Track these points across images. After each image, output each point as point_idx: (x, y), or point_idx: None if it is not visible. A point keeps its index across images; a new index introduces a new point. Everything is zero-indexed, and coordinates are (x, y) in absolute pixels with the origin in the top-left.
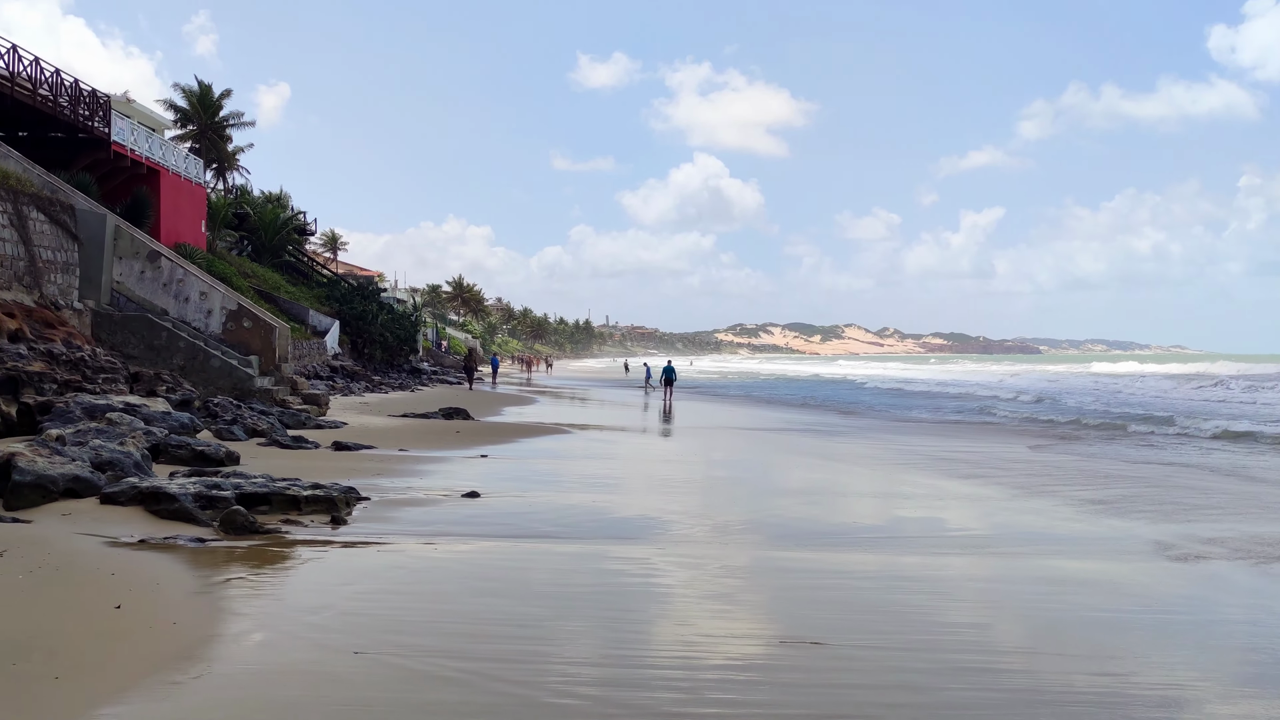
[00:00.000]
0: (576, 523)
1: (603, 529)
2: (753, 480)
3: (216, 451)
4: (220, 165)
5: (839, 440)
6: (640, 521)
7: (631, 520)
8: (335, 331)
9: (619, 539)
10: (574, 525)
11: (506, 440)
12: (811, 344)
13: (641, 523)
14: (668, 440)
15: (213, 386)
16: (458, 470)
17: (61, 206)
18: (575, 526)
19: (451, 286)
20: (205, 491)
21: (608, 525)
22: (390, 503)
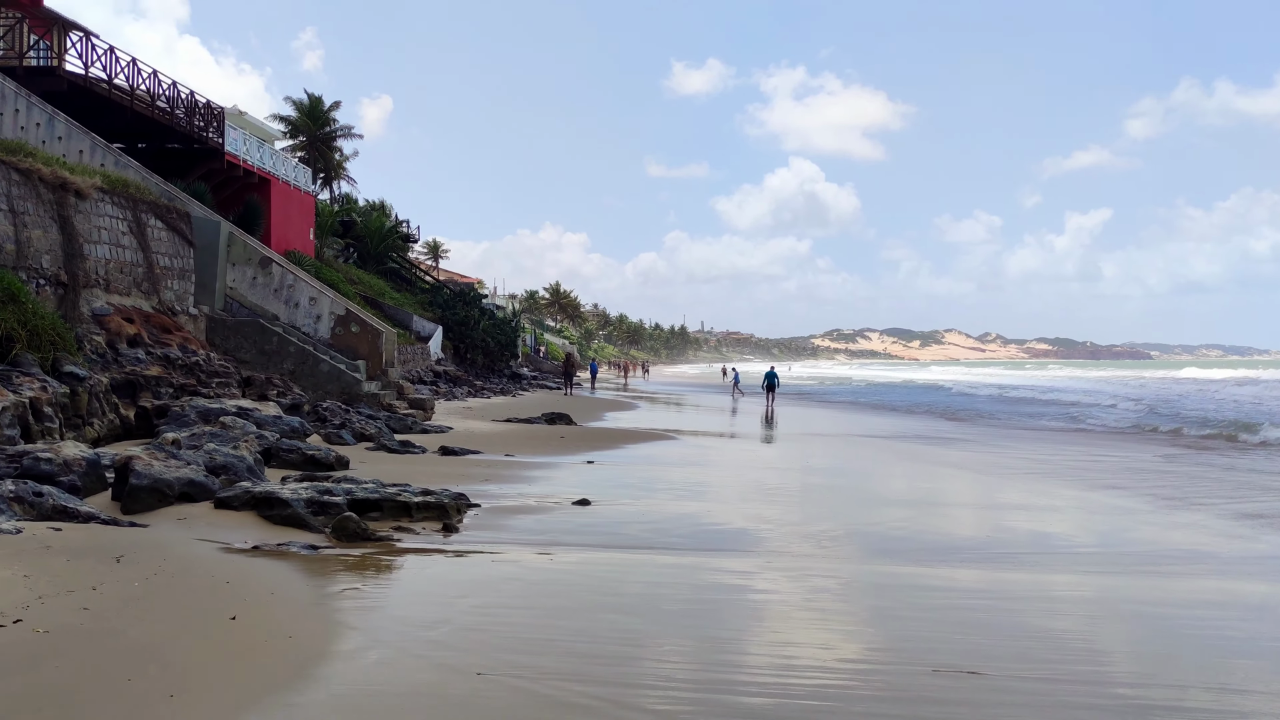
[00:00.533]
0: (691, 533)
1: (721, 540)
2: (873, 489)
3: (326, 456)
4: (328, 174)
5: (953, 448)
6: (757, 533)
7: (749, 532)
8: (438, 337)
9: (738, 551)
10: (689, 536)
11: (611, 446)
12: (910, 349)
13: (759, 534)
14: (773, 447)
15: (321, 391)
16: (565, 476)
17: (178, 214)
18: (691, 537)
19: (548, 293)
20: (317, 497)
21: (725, 537)
22: (501, 510)
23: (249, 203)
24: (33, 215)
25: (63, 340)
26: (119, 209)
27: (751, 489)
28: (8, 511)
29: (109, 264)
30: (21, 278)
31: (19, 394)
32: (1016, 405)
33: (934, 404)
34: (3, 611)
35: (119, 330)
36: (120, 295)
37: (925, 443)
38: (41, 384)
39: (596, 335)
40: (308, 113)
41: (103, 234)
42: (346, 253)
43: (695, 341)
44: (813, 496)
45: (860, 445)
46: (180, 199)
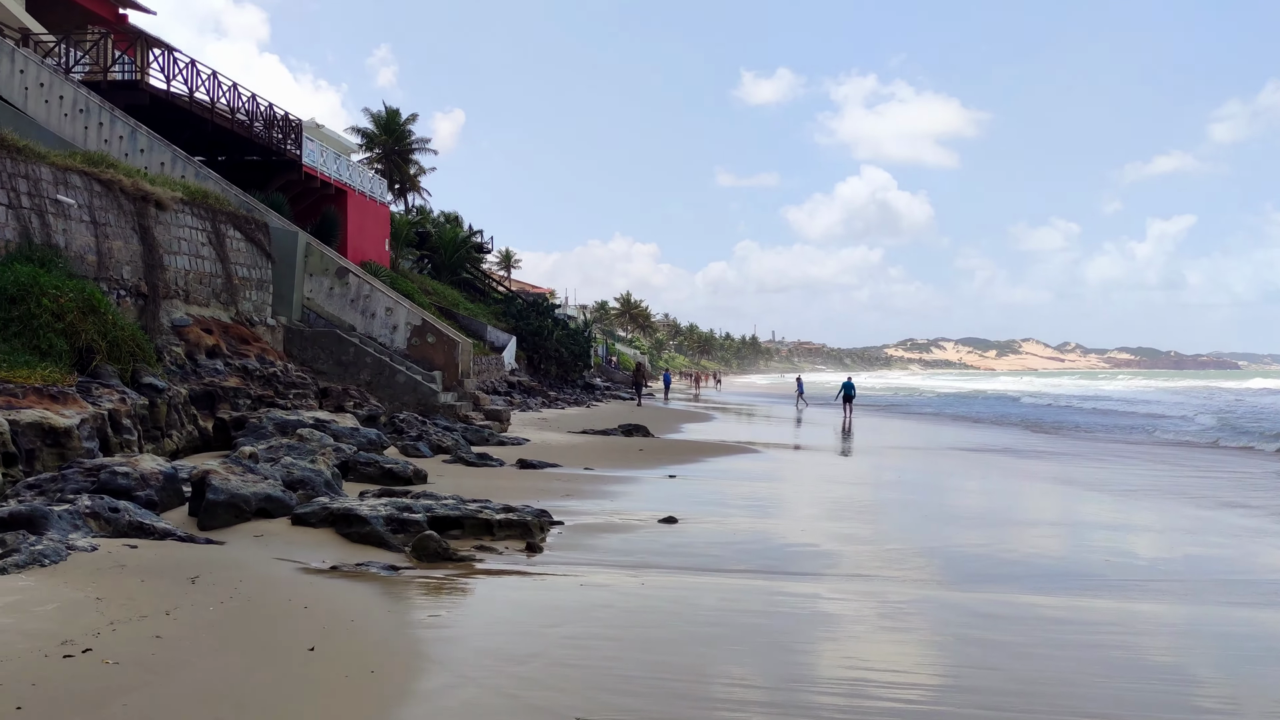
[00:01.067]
0: (788, 556)
1: (815, 564)
2: (968, 506)
3: (404, 470)
4: (403, 186)
5: (1046, 461)
6: (855, 557)
7: (844, 556)
8: (512, 347)
9: (834, 576)
10: (781, 558)
11: (691, 459)
12: (987, 359)
13: (856, 558)
14: (856, 460)
15: (397, 402)
16: (647, 492)
17: (256, 225)
18: (787, 560)
19: (619, 303)
20: (396, 514)
21: (819, 560)
22: (585, 528)
23: (326, 214)
24: (114, 226)
25: (142, 351)
26: (198, 220)
27: (839, 506)
28: (84, 528)
29: (188, 275)
30: (102, 289)
31: (98, 406)
32: (1104, 417)
33: (1016, 415)
34: (73, 639)
35: (198, 341)
36: (199, 306)
37: (1015, 456)
38: (121, 396)
39: (667, 345)
40: (383, 126)
41: (182, 245)
42: (421, 264)
43: (766, 351)
44: (904, 515)
45: (947, 459)
46: (258, 210)
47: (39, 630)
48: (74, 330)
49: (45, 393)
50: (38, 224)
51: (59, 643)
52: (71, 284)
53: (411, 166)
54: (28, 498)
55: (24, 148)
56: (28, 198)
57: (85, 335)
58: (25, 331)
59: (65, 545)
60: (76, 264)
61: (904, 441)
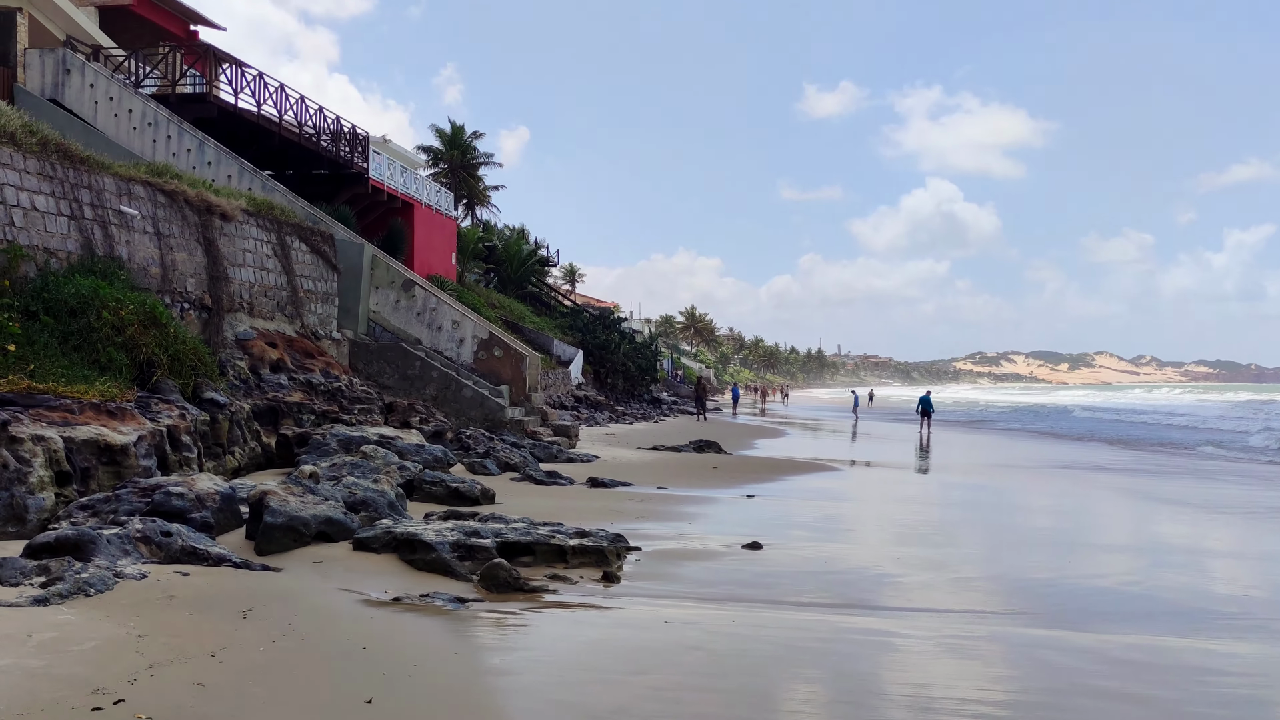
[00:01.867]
0: (885, 588)
1: (921, 598)
2: (1079, 530)
3: (471, 489)
4: (470, 201)
5: (1145, 479)
6: (957, 588)
7: (944, 587)
8: (579, 361)
9: (950, 612)
10: (882, 591)
11: (768, 478)
12: (1059, 373)
13: (960, 591)
14: (942, 479)
15: (464, 417)
16: (725, 514)
17: (322, 236)
18: (884, 592)
19: (684, 317)
20: (463, 540)
21: (921, 592)
22: (664, 555)
23: (392, 226)
24: (178, 238)
25: (204, 365)
26: (263, 231)
27: (931, 530)
28: (134, 553)
29: (253, 287)
30: (165, 301)
31: (157, 422)
32: (1200, 433)
33: (1100, 431)
34: (105, 687)
35: (262, 355)
36: (264, 319)
37: (1109, 473)
38: (180, 411)
39: (732, 359)
40: (450, 141)
41: (247, 257)
42: (487, 277)
43: (832, 365)
44: (1005, 540)
45: (1038, 478)
46: (325, 222)
47: (70, 675)
48: (134, 344)
49: (103, 408)
50: (100, 235)
51: (90, 691)
52: (133, 296)
53: (478, 181)
54: (80, 519)
55: (87, 158)
56: (90, 208)
57: (146, 349)
58: (85, 345)
59: (113, 573)
60: (139, 276)
61: (986, 458)
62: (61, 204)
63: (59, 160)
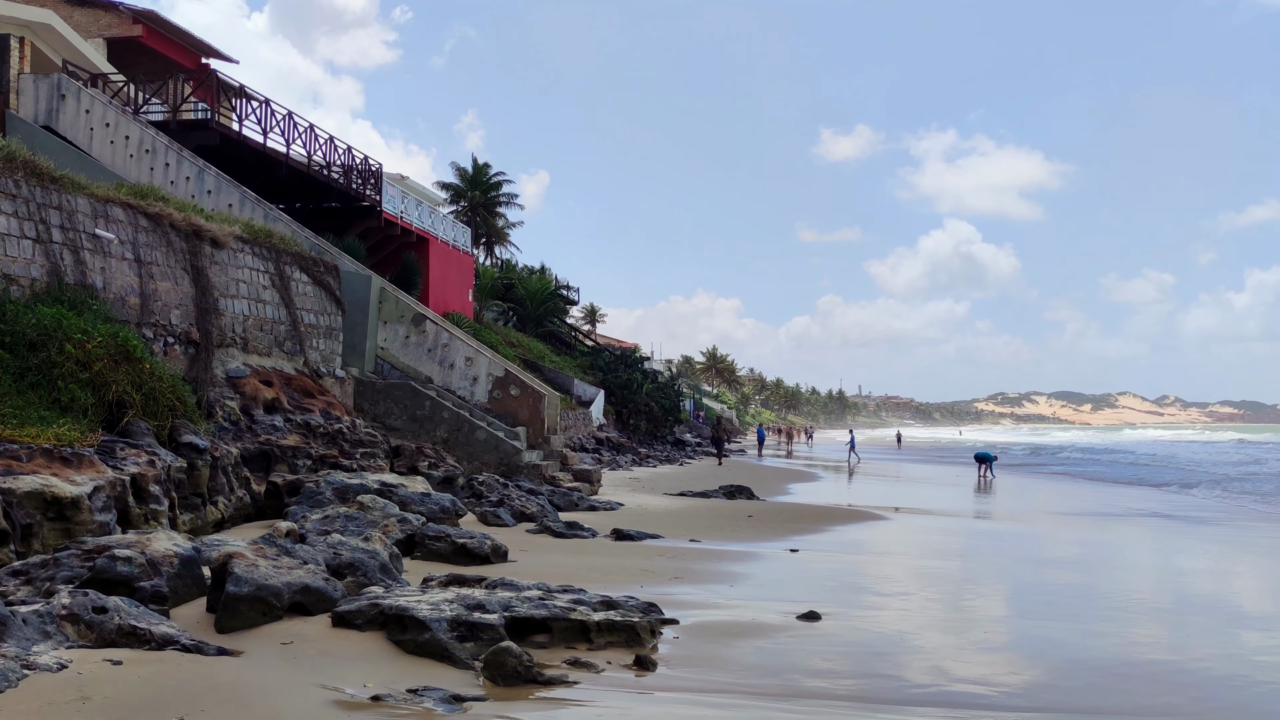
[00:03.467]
0: (980, 679)
1: (1030, 698)
2: (1192, 595)
3: (480, 546)
4: (489, 240)
5: (1223, 529)
6: (1065, 679)
7: (1046, 681)
8: (600, 401)
9: (1059, 710)
10: (978, 683)
11: (810, 528)
12: (1081, 413)
13: (1071, 683)
14: (1006, 528)
15: (477, 461)
16: (769, 574)
17: (325, 267)
18: (979, 684)
19: (705, 357)
20: (464, 615)
21: (1033, 693)
22: (707, 630)
23: (406, 261)
24: (161, 265)
25: (183, 405)
26: (260, 260)
27: (1022, 591)
28: (57, 635)
29: (247, 320)
30: (146, 334)
31: (120, 470)
32: (1261, 479)
33: (1148, 474)
34: None
35: (255, 394)
36: (259, 355)
37: (1183, 523)
38: (150, 457)
39: (753, 400)
40: (470, 180)
41: (241, 287)
42: (506, 316)
43: (853, 406)
44: (1104, 606)
45: (1105, 527)
46: (330, 253)
47: None
48: (103, 381)
49: (56, 455)
50: (71, 261)
51: None
52: (103, 328)
53: (498, 219)
54: (10, 588)
55: (59, 177)
56: (60, 231)
57: (116, 387)
58: (44, 382)
59: (21, 664)
60: (116, 307)
61: (1045, 504)
62: (25, 225)
63: (25, 178)
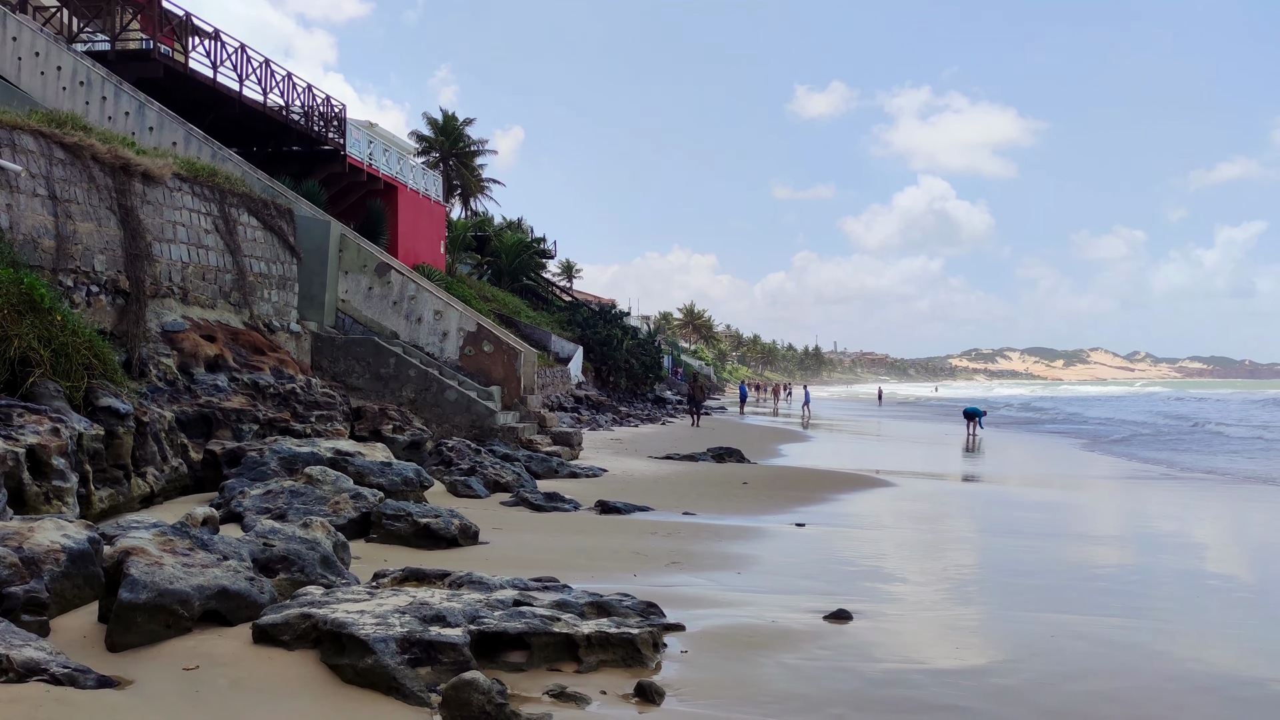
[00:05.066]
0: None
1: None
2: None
3: (446, 527)
4: (464, 191)
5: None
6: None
7: (1155, 686)
8: (578, 358)
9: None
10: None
11: (813, 497)
12: (1054, 369)
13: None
14: (1021, 494)
15: (447, 424)
16: (779, 556)
17: (278, 211)
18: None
19: (682, 313)
20: (419, 632)
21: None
22: (721, 638)
23: (372, 208)
24: (82, 204)
25: (103, 363)
26: (201, 201)
27: (1074, 575)
28: None
29: (186, 268)
30: (64, 283)
31: (15, 440)
32: (1254, 432)
33: (1145, 432)
34: None
35: (195, 351)
36: (202, 307)
37: (1208, 482)
38: (53, 425)
39: (730, 356)
40: (443, 129)
41: (179, 231)
42: (480, 270)
43: (829, 363)
44: (1211, 607)
45: (1130, 491)
46: (285, 196)
47: None
48: (2, 335)
49: None
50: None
51: None
52: (4, 273)
53: (473, 171)
54: None
55: None
56: None
57: (19, 342)
58: None
59: None
60: (27, 250)
61: (1053, 466)
62: None
63: None
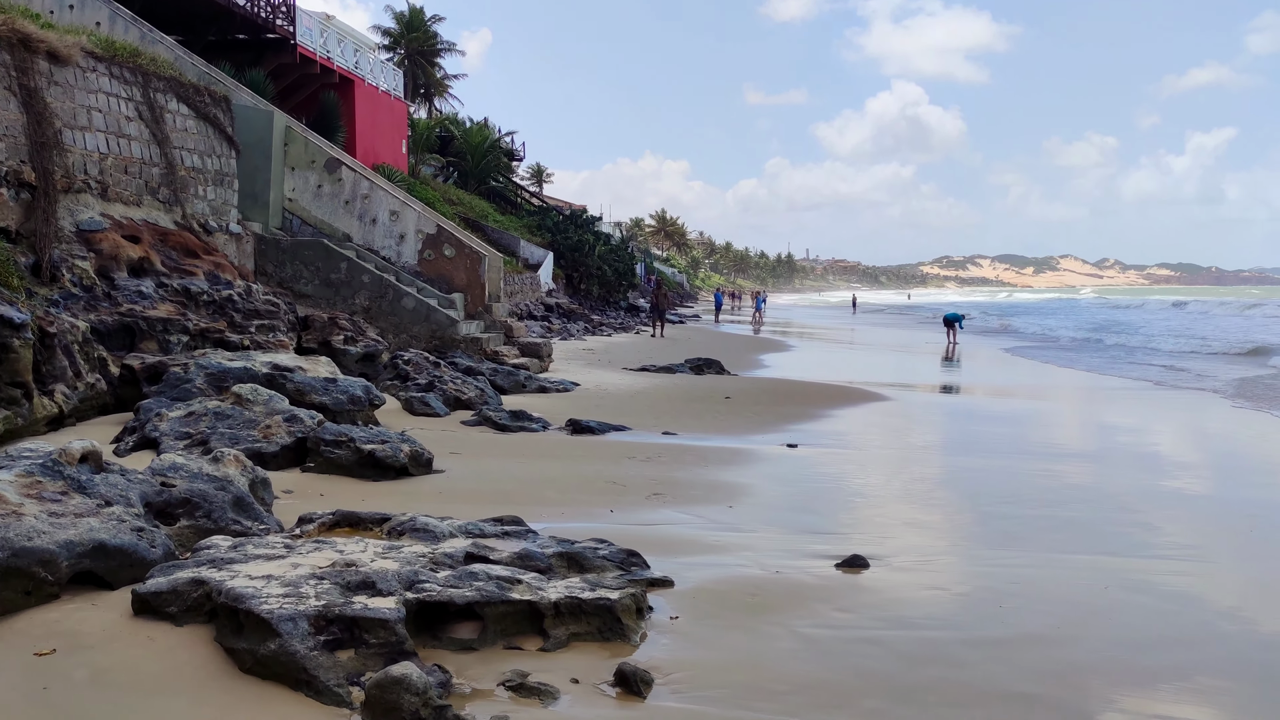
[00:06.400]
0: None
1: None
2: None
3: (394, 454)
4: (429, 91)
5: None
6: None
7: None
8: (549, 264)
9: None
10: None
11: (803, 413)
12: (1024, 276)
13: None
14: (1029, 406)
15: (405, 334)
16: (772, 483)
17: (213, 98)
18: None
19: (655, 220)
20: (339, 606)
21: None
22: (718, 596)
23: (325, 102)
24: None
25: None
26: (121, 85)
27: (1109, 506)
28: None
29: (105, 160)
30: None
31: None
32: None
33: (1109, 340)
34: None
35: (116, 253)
36: (125, 205)
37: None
38: None
39: (703, 264)
40: (408, 24)
41: (95, 118)
42: (446, 172)
43: (801, 270)
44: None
45: (1127, 400)
46: (223, 84)
47: None
48: None
49: None
50: None
51: None
52: None
53: (437, 70)
54: None
55: None
56: None
57: None
58: None
59: None
60: None
61: (1042, 376)
62: None
63: None
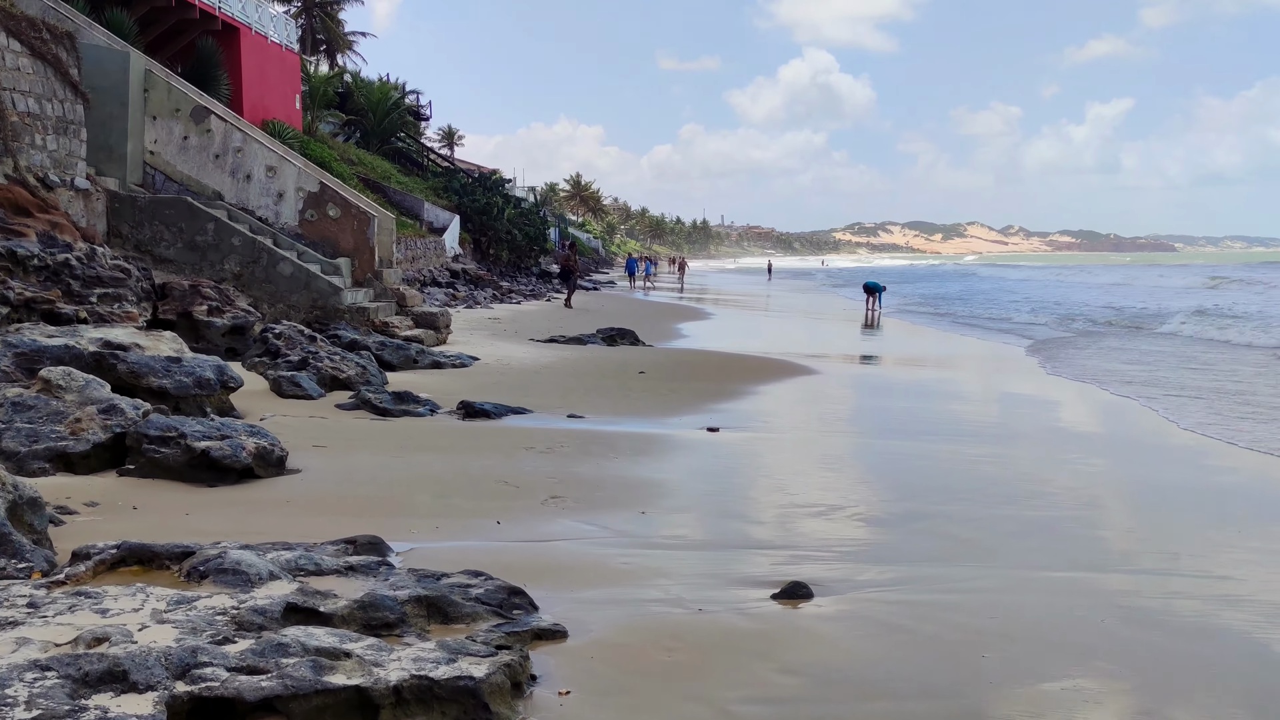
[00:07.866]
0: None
1: None
2: None
3: (235, 454)
4: (330, 47)
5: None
6: None
7: None
8: (455, 228)
9: None
10: None
11: (723, 390)
12: (933, 243)
13: None
14: (950, 377)
15: (282, 304)
16: (690, 478)
17: (53, 34)
18: None
19: (569, 185)
20: (61, 714)
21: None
22: (622, 652)
23: (202, 48)
24: None
25: None
26: None
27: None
28: None
29: None
30: None
31: None
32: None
33: (1017, 313)
34: None
35: None
36: None
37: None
38: None
39: (619, 229)
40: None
41: None
42: (347, 131)
43: (717, 236)
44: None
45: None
46: (70, 20)
47: None
48: None
49: None
50: None
51: None
52: None
53: (339, 25)
54: None
55: None
56: None
57: None
58: None
59: None
60: None
61: (952, 347)
62: None
63: None
